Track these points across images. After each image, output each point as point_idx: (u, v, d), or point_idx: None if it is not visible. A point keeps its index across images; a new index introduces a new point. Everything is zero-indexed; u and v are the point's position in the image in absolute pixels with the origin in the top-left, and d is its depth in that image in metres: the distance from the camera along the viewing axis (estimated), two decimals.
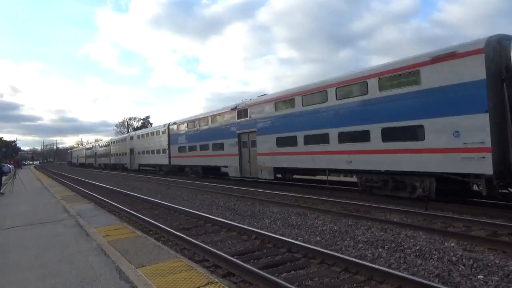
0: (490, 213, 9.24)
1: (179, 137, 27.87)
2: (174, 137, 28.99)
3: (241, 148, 19.60)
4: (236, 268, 5.71)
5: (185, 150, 26.66)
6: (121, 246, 6.62)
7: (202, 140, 24.06)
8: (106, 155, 54.71)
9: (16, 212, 12.16)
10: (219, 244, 7.57)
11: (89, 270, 5.33)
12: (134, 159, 40.61)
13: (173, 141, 29.19)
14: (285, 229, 8.77)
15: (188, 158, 26.35)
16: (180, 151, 27.69)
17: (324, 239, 7.68)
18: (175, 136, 28.84)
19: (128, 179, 29.63)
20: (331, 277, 5.43)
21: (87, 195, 17.57)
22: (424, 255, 6.28)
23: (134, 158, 40.33)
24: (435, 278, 5.23)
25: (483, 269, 5.48)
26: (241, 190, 16.80)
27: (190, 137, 26.15)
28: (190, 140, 25.99)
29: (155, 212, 12.17)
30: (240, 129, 19.66)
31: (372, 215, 9.89)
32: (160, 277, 4.88)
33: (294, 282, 5.20)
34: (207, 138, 23.36)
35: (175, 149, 28.71)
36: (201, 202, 14.05)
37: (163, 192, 18.37)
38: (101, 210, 11.92)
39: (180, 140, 27.75)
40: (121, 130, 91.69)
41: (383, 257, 6.27)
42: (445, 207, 10.23)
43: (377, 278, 5.13)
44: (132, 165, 41.30)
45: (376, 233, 7.92)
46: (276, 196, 14.22)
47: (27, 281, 5.10)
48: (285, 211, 10.94)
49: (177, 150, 28.11)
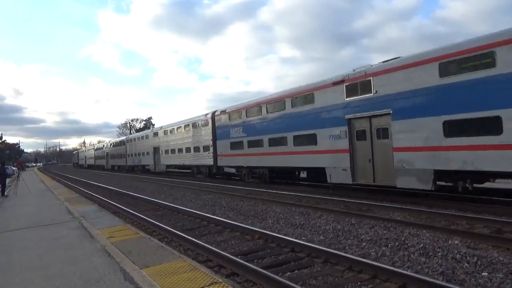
0: (493, 210, 9.21)
1: (232, 129, 21.16)
2: (222, 130, 22.45)
3: (355, 141, 13.25)
4: (240, 268, 5.71)
5: (241, 146, 20.23)
6: (125, 247, 6.64)
7: (273, 131, 17.54)
8: (120, 155, 47.77)
9: (20, 214, 12.22)
10: (222, 244, 7.58)
11: (94, 271, 5.35)
12: (159, 160, 33.41)
13: (220, 135, 22.66)
14: (288, 229, 8.78)
15: (247, 157, 19.88)
16: (233, 148, 21.19)
17: (328, 238, 7.68)
18: (224, 128, 22.23)
19: (130, 180, 29.69)
20: (335, 276, 5.42)
21: (91, 197, 17.63)
22: (428, 253, 6.26)
23: (160, 158, 33.19)
24: (439, 276, 5.22)
25: (487, 266, 5.47)
26: (244, 190, 16.82)
27: (250, 129, 19.53)
28: (251, 133, 19.40)
29: (159, 213, 12.19)
30: (353, 112, 13.13)
31: (375, 213, 9.87)
32: (165, 278, 4.90)
33: (298, 281, 5.19)
34: (283, 129, 16.82)
35: (224, 145, 22.18)
36: (204, 202, 14.07)
37: (166, 192, 18.40)
38: (104, 212, 11.96)
39: (233, 134, 21.04)
40: (124, 132, 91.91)
41: (386, 256, 6.27)
42: (448, 204, 10.21)
43: (381, 276, 5.12)
44: (157, 166, 34.46)
45: (380, 231, 7.90)
46: (279, 196, 14.22)
47: (32, 282, 5.13)
48: (288, 211, 10.94)
49: (228, 146, 21.64)
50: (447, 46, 10.66)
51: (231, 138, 21.39)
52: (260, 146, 18.57)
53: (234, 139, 21.10)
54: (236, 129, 20.95)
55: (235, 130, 21.00)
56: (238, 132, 20.72)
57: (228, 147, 21.72)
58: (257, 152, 18.97)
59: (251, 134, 19.46)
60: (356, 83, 13.12)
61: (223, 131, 22.38)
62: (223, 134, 22.37)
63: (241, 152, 20.37)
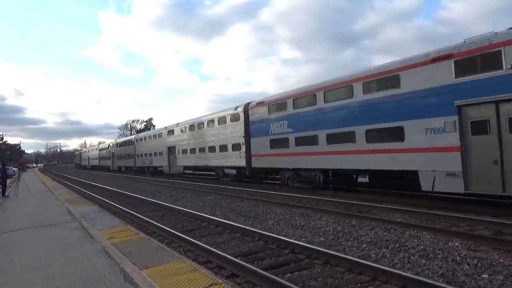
0: (494, 212, 9.19)
1: (273, 124, 17.80)
2: (258, 125, 19.07)
3: (469, 136, 10.04)
4: (240, 269, 5.71)
5: (286, 144, 16.88)
6: (125, 248, 6.64)
7: (333, 125, 14.27)
8: (128, 155, 44.23)
9: (21, 214, 12.23)
10: (222, 245, 7.58)
11: (94, 271, 5.36)
12: (175, 160, 30.17)
13: (256, 132, 19.28)
14: (288, 230, 8.77)
15: (294, 157, 16.52)
16: (274, 146, 17.79)
17: (328, 240, 7.68)
18: (261, 123, 18.84)
19: (131, 181, 29.70)
20: (335, 278, 5.42)
21: (91, 197, 17.65)
22: (428, 255, 6.26)
23: (176, 159, 29.91)
24: (439, 278, 5.21)
25: (488, 269, 5.46)
26: (244, 191, 16.81)
27: (299, 123, 16.15)
28: (300, 128, 16.05)
29: (159, 213, 12.20)
30: (467, 97, 10.03)
31: (375, 215, 9.87)
32: (165, 279, 4.90)
33: (298, 282, 5.19)
34: (349, 122, 13.60)
35: (261, 143, 18.77)
36: (204, 203, 14.07)
37: (166, 193, 18.40)
38: (104, 212, 11.97)
39: (274, 129, 17.70)
40: (124, 133, 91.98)
41: (387, 257, 6.26)
42: (449, 206, 10.20)
43: (381, 278, 5.12)
44: (172, 168, 31.16)
45: (380, 233, 7.90)
46: (279, 197, 14.21)
47: (32, 282, 5.13)
48: (288, 212, 10.94)
49: (267, 145, 18.27)
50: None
51: (271, 134, 17.95)
52: (313, 144, 15.23)
53: (275, 135, 17.68)
54: (278, 123, 17.44)
55: (277, 125, 17.54)
56: (281, 127, 17.25)
57: (266, 146, 18.34)
58: (308, 151, 15.62)
59: (301, 129, 16.02)
60: (474, 57, 9.95)
61: (259, 126, 18.96)
62: (259, 130, 18.98)
63: (286, 151, 16.97)
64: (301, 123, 16.05)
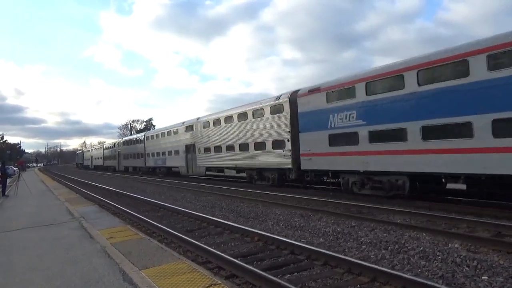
0: (494, 214, 9.20)
1: (335, 115, 14.19)
2: (311, 118, 15.46)
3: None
4: (239, 270, 5.71)
5: (354, 141, 13.30)
6: (125, 248, 6.64)
7: (436, 114, 10.79)
8: (136, 155, 40.62)
9: (21, 214, 12.24)
10: (222, 246, 7.58)
11: (93, 272, 5.36)
12: (194, 160, 26.51)
13: (307, 125, 15.66)
14: (288, 231, 8.77)
15: (366, 156, 12.93)
16: (334, 143, 14.28)
17: (327, 241, 7.68)
18: (315, 115, 15.21)
19: (131, 181, 29.71)
20: (335, 279, 5.42)
21: (91, 197, 17.65)
22: (427, 256, 6.26)
23: (196, 159, 26.21)
24: (439, 279, 5.21)
25: (487, 270, 5.46)
26: (244, 192, 16.81)
27: (375, 113, 12.60)
28: (377, 119, 12.56)
29: (158, 214, 12.20)
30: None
31: (375, 216, 9.87)
32: (164, 279, 4.90)
33: (298, 283, 5.19)
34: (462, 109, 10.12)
35: (315, 139, 15.10)
36: (204, 203, 14.07)
37: (166, 193, 18.41)
38: (104, 212, 11.97)
39: (336, 122, 14.15)
40: (124, 133, 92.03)
41: (386, 259, 6.26)
42: (449, 207, 10.20)
43: (380, 279, 5.12)
44: (191, 168, 27.44)
45: (380, 234, 7.90)
46: (279, 198, 14.21)
47: (32, 282, 5.14)
48: (288, 213, 10.94)
49: (324, 141, 14.60)
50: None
51: (330, 128, 14.41)
52: (399, 140, 11.86)
53: (337, 129, 14.14)
54: (342, 114, 13.89)
55: (339, 117, 13.99)
56: (346, 119, 13.68)
57: (323, 143, 14.69)
58: (389, 149, 12.22)
59: (377, 121, 12.59)
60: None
61: (313, 119, 15.34)
62: (312, 123, 15.33)
63: (353, 149, 13.40)
64: (378, 113, 12.53)
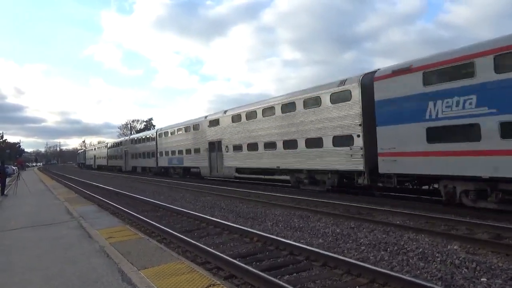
0: (493, 216, 9.19)
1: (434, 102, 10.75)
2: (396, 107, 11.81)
3: None
4: (238, 270, 5.71)
5: (473, 136, 9.77)
6: (124, 248, 6.64)
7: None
8: (146, 154, 36.54)
9: (20, 213, 12.22)
10: (221, 246, 7.58)
11: (92, 271, 5.36)
12: (221, 160, 22.63)
13: (389, 117, 12.10)
14: (287, 232, 8.77)
15: (492, 157, 9.33)
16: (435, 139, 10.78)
17: (327, 242, 7.67)
18: (403, 102, 11.60)
19: (130, 181, 29.69)
20: (334, 280, 5.42)
21: (90, 197, 17.64)
22: (426, 258, 6.26)
23: (222, 158, 22.38)
24: (438, 281, 5.21)
25: (486, 272, 5.46)
26: (244, 192, 16.80)
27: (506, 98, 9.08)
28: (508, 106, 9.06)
29: (158, 214, 12.19)
30: None
31: (374, 217, 9.87)
32: (162, 279, 4.90)
33: (296, 284, 5.19)
34: None
35: (404, 135, 11.50)
36: (203, 204, 14.07)
37: (165, 193, 18.40)
38: (103, 212, 11.96)
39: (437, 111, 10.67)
40: (124, 132, 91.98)
41: (385, 260, 6.26)
42: (448, 209, 10.20)
43: (379, 280, 5.12)
44: (215, 169, 23.55)
45: (379, 235, 7.90)
46: (279, 199, 14.21)
47: (31, 281, 5.13)
48: (287, 213, 10.93)
49: (418, 136, 11.11)
50: None
51: (429, 120, 10.88)
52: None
53: (440, 121, 10.62)
54: (450, 101, 10.40)
55: (446, 104, 10.48)
56: (459, 106, 10.16)
57: (417, 138, 11.14)
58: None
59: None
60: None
61: (399, 108, 11.74)
62: (399, 113, 11.75)
63: (471, 147, 9.83)
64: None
